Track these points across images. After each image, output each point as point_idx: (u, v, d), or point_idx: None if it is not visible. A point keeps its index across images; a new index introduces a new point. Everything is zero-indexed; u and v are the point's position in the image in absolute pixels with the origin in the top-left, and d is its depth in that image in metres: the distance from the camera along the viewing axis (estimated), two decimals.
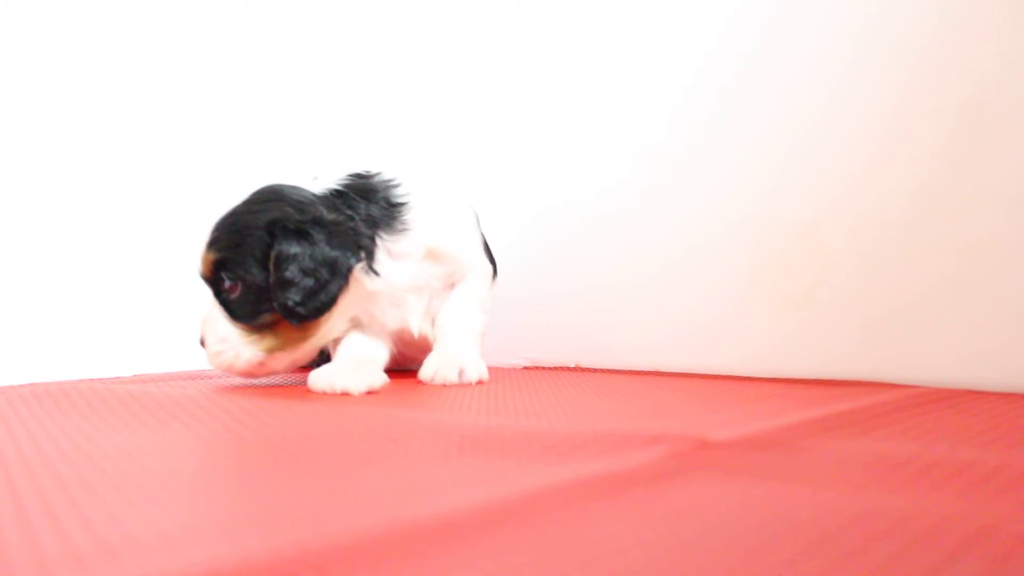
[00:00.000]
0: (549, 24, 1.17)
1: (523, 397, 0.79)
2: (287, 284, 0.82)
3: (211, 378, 1.01)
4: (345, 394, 0.80)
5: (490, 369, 0.94)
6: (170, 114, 1.17)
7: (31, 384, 0.90)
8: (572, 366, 1.14)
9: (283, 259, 0.82)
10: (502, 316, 1.19)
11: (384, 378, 0.85)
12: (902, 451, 0.50)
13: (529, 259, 1.18)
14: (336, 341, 0.93)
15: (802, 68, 0.95)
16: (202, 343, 0.87)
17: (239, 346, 0.85)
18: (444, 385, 0.89)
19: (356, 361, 0.89)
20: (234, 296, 0.85)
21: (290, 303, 0.82)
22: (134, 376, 1.04)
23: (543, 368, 1.14)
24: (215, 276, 0.85)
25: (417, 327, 0.95)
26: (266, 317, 0.85)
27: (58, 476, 0.44)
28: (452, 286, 0.97)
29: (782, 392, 0.83)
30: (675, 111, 1.05)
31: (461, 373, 0.89)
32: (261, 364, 0.86)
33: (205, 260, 0.86)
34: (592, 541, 0.33)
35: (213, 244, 0.85)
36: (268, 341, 0.86)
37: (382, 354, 0.95)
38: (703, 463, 0.47)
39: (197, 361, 1.16)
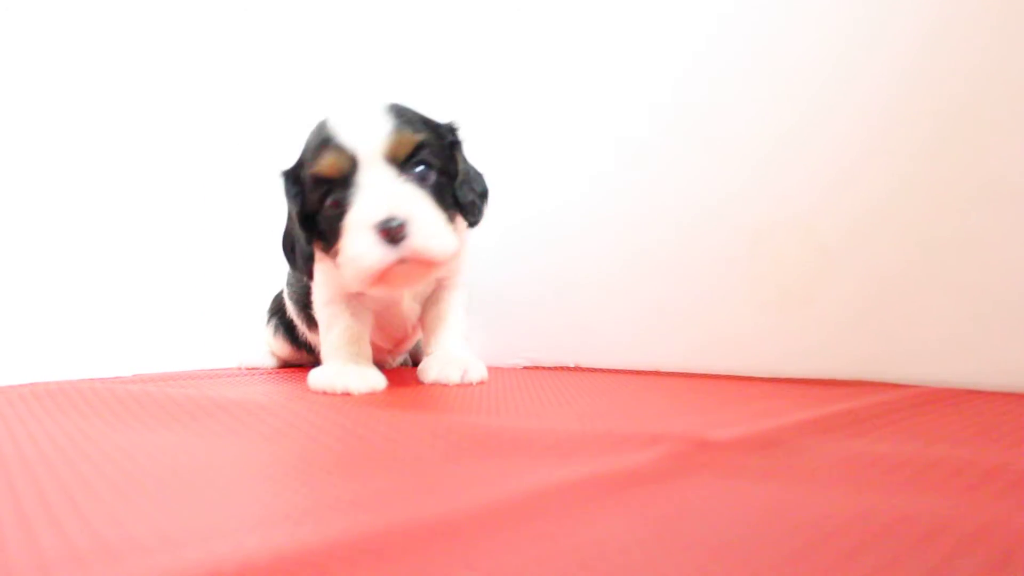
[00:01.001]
0: (544, 23, 1.17)
1: (523, 397, 0.79)
2: (476, 183, 0.82)
3: (211, 378, 1.01)
4: (346, 394, 0.80)
5: (490, 369, 0.95)
6: (170, 114, 1.17)
7: (31, 384, 0.90)
8: (572, 366, 1.14)
9: (467, 160, 0.83)
10: (502, 316, 1.19)
11: (384, 379, 0.85)
12: (902, 451, 0.50)
13: (529, 259, 1.18)
14: (330, 328, 0.91)
15: (797, 65, 0.95)
16: (389, 227, 0.74)
17: (450, 233, 0.78)
18: (445, 385, 0.89)
19: (354, 361, 0.88)
20: (427, 184, 0.78)
21: (482, 206, 0.83)
22: (134, 376, 1.04)
23: (543, 368, 1.14)
24: (410, 159, 0.78)
25: (409, 307, 0.94)
26: (452, 212, 0.81)
27: (58, 476, 0.44)
28: (442, 288, 0.97)
29: (782, 392, 0.83)
30: (673, 111, 1.05)
31: (464, 373, 0.89)
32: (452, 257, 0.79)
33: (403, 139, 0.77)
34: (592, 541, 0.33)
35: (408, 125, 0.78)
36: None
37: (369, 348, 0.93)
38: (703, 463, 0.47)
39: (196, 361, 1.16)
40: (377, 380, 0.83)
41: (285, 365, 1.15)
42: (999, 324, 0.82)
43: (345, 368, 0.85)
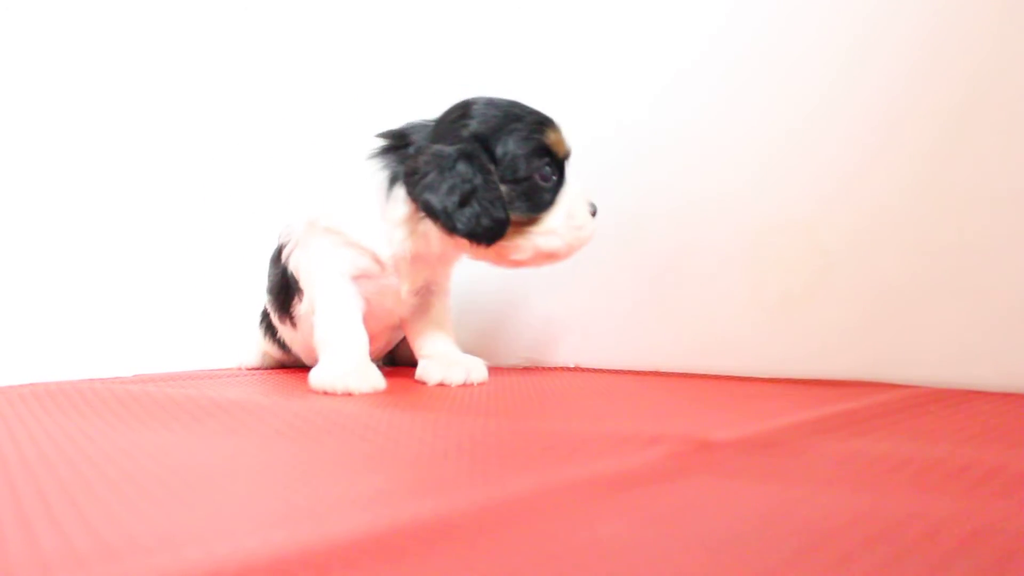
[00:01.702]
0: (544, 20, 1.17)
1: (523, 397, 0.79)
2: None
3: (211, 378, 1.01)
4: (347, 395, 0.80)
5: (490, 369, 0.94)
6: (170, 114, 1.17)
7: (31, 384, 0.90)
8: (572, 366, 1.14)
9: None
10: (502, 316, 1.19)
11: (384, 379, 0.85)
12: (901, 451, 0.50)
13: None
14: (325, 314, 0.89)
15: (799, 67, 0.95)
16: (595, 208, 0.91)
17: None
18: (446, 385, 0.88)
19: (355, 360, 0.88)
20: None
21: None
22: (134, 376, 1.04)
23: (543, 368, 1.14)
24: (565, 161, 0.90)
25: (405, 300, 0.94)
26: None
27: (58, 476, 0.44)
28: (431, 293, 0.97)
29: (782, 392, 0.83)
30: (673, 111, 1.05)
31: (468, 374, 0.90)
32: None
33: (567, 144, 0.90)
34: (592, 541, 0.33)
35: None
36: None
37: (367, 340, 0.91)
38: (703, 463, 0.47)
39: (196, 361, 1.17)
40: (378, 380, 0.83)
41: (280, 366, 1.15)
42: (1000, 326, 0.82)
43: (346, 368, 0.85)
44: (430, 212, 0.84)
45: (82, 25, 1.08)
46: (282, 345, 1.09)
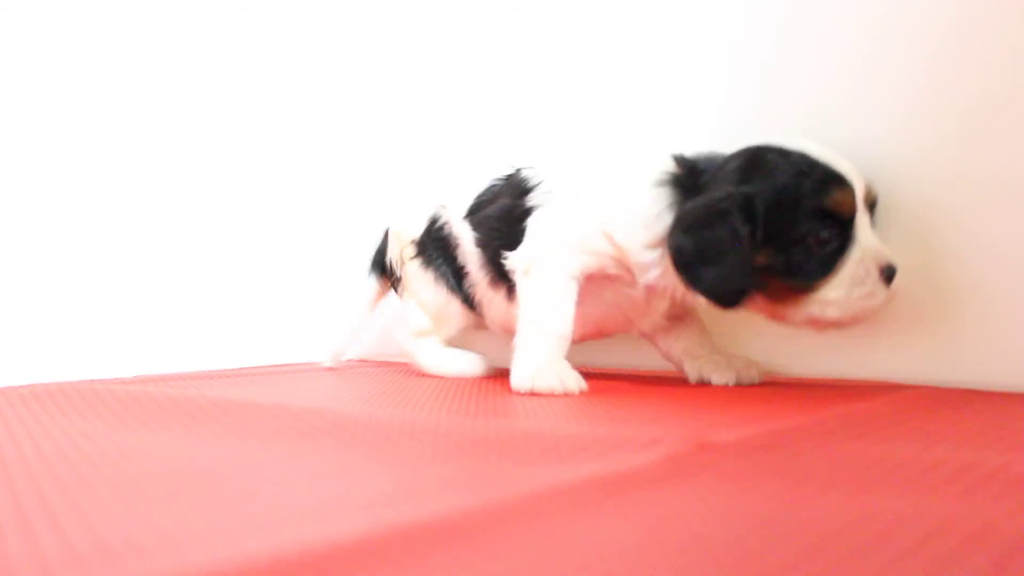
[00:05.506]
0: (553, 26, 1.17)
1: (523, 397, 0.79)
2: None
3: (211, 378, 1.01)
4: (550, 394, 0.79)
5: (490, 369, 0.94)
6: (171, 114, 1.17)
7: (31, 384, 0.90)
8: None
9: None
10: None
11: (583, 381, 0.83)
12: (902, 452, 0.50)
13: None
14: (551, 306, 0.85)
15: (812, 69, 0.95)
16: (893, 271, 0.79)
17: None
18: (444, 384, 0.89)
19: (552, 357, 0.84)
20: None
21: None
22: (135, 377, 1.04)
23: None
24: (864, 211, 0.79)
25: (657, 318, 0.94)
26: None
27: (58, 476, 0.44)
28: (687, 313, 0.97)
29: (782, 392, 0.83)
30: (677, 112, 1.05)
31: (739, 373, 0.90)
32: None
33: (872, 187, 0.81)
34: (592, 542, 0.33)
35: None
36: None
37: None
38: (703, 464, 0.47)
39: (196, 362, 1.16)
40: (579, 380, 0.82)
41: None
42: (1000, 326, 0.82)
43: (559, 367, 0.83)
44: (675, 261, 0.80)
45: (82, 25, 1.08)
46: (464, 298, 1.01)
